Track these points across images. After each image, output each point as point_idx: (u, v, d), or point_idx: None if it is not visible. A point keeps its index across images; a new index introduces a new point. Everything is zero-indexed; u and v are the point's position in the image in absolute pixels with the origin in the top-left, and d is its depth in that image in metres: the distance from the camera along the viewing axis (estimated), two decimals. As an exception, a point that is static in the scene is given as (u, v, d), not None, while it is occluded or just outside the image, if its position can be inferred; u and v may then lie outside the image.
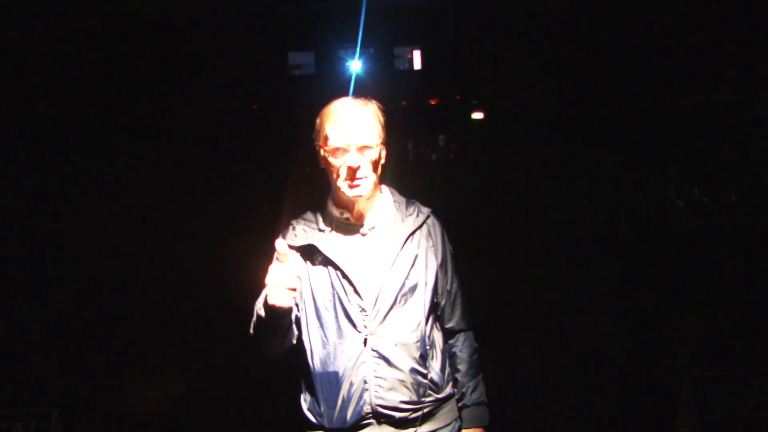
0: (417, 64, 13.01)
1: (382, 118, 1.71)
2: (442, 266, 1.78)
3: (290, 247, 1.72)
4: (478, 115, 11.55)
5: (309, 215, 1.79)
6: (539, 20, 9.14)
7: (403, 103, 11.10)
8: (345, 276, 1.65)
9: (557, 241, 5.44)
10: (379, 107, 1.72)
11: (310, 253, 1.71)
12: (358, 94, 1.73)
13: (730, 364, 3.51)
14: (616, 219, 5.43)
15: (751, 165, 5.65)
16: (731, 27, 7.02)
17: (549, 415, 3.98)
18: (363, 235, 1.74)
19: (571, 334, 4.42)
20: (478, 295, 4.57)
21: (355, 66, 12.17)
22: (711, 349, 3.91)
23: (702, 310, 4.23)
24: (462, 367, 1.81)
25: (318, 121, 1.70)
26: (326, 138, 1.65)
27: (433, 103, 12.64)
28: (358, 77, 11.60)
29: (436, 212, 1.83)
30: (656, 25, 7.74)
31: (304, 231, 1.73)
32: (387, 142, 1.73)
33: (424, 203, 1.84)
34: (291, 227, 1.77)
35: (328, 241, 1.71)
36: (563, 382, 4.10)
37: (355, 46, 11.95)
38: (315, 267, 1.70)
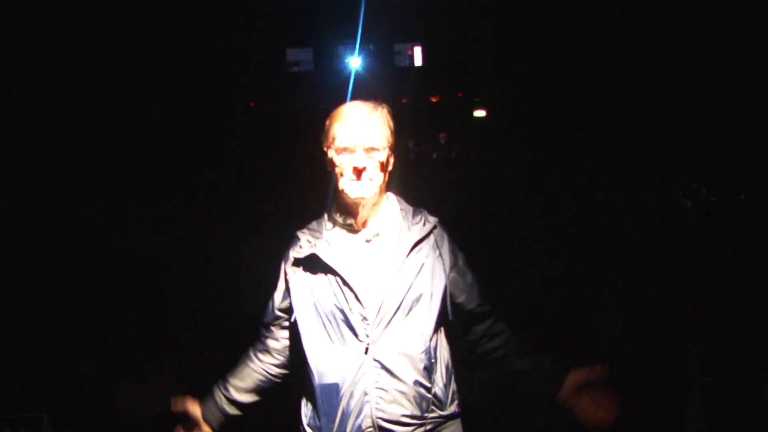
0: (418, 61, 13.03)
1: (392, 123, 1.73)
2: (462, 275, 1.75)
3: (296, 260, 1.73)
4: (480, 113, 11.53)
5: (314, 224, 1.79)
6: (543, 17, 9.12)
7: (404, 101, 11.09)
8: (346, 283, 1.64)
9: (561, 241, 5.40)
10: (389, 112, 1.73)
11: (312, 262, 1.69)
12: (357, 91, 1.70)
13: (740, 369, 3.45)
14: (622, 219, 5.40)
15: (761, 164, 5.62)
16: (737, 26, 6.98)
17: (552, 419, 3.92)
18: (367, 241, 1.71)
19: (576, 336, 4.37)
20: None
21: (354, 63, 12.13)
22: (720, 352, 3.87)
23: (710, 313, 4.20)
24: (518, 348, 1.81)
25: (327, 122, 1.72)
26: (334, 138, 1.68)
27: (434, 100, 12.65)
28: (357, 74, 11.57)
29: (443, 222, 1.81)
30: (664, 23, 7.70)
31: (308, 242, 1.72)
32: (395, 147, 1.73)
33: (431, 212, 1.82)
34: (296, 239, 1.76)
35: (330, 248, 1.70)
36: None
37: (355, 43, 11.95)
38: (317, 275, 1.68)
